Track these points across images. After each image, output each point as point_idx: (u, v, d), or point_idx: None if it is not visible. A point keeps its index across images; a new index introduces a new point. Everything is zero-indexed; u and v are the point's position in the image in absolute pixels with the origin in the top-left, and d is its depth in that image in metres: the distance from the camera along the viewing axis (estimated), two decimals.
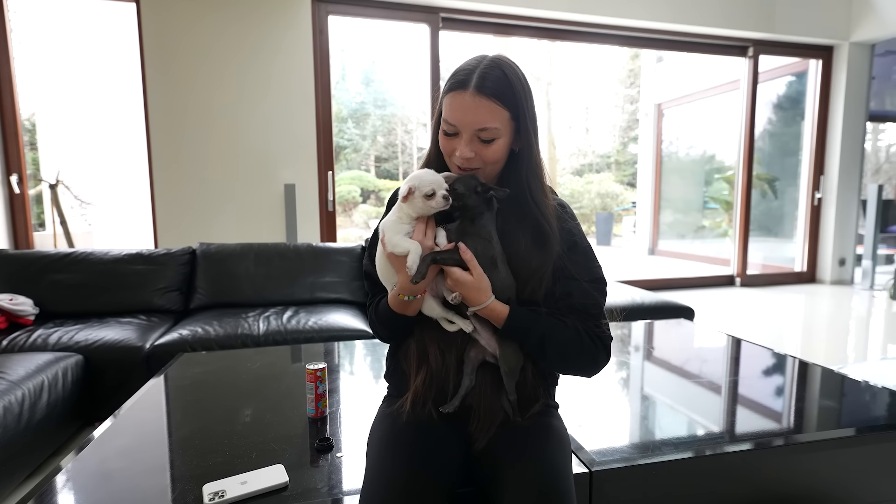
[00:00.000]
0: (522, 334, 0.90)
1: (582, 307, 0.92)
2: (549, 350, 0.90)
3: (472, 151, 0.88)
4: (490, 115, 0.86)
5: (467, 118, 0.86)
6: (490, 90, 0.85)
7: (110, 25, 5.86)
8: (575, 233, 0.96)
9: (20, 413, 1.61)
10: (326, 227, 3.84)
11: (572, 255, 0.94)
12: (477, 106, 0.85)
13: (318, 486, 0.95)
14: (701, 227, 8.41)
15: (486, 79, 0.86)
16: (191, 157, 3.46)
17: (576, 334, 0.91)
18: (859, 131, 5.15)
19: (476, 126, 0.86)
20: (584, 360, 0.93)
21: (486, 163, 0.90)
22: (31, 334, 2.13)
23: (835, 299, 4.75)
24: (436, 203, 0.85)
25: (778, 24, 4.74)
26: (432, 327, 0.94)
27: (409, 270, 0.85)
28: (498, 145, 0.89)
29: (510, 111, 0.87)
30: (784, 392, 1.54)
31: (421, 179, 0.85)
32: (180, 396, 1.47)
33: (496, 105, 0.86)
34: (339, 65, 10.59)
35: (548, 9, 4.12)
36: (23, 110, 6.43)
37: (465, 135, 0.88)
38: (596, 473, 1.01)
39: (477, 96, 0.85)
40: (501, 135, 0.88)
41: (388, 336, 1.01)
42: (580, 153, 14.51)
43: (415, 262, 0.84)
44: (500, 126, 0.87)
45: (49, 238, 4.38)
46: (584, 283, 0.93)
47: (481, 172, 0.91)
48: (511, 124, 0.89)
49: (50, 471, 1.03)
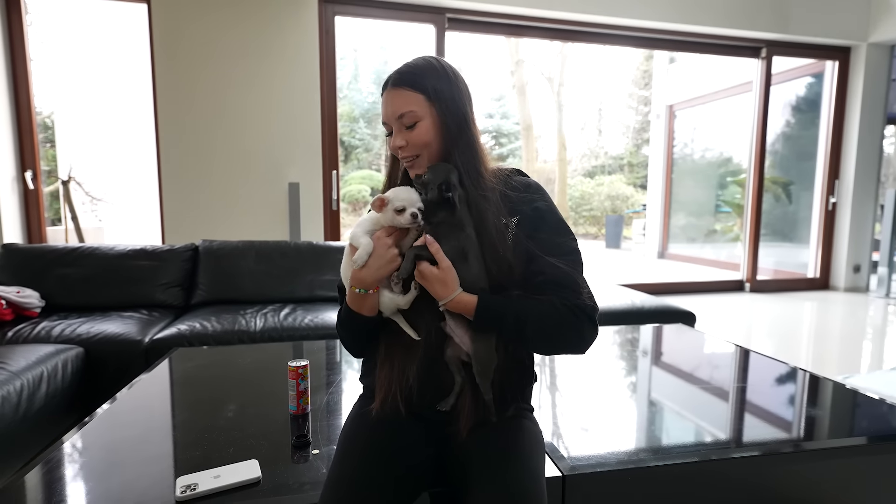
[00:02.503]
0: (496, 320, 0.88)
1: (555, 281, 0.90)
2: (527, 330, 0.89)
3: (402, 140, 0.93)
4: (404, 101, 0.92)
5: (389, 110, 0.93)
6: (401, 81, 0.92)
7: (123, 26, 5.97)
8: (543, 209, 0.95)
9: (18, 403, 1.65)
10: (330, 226, 3.86)
11: (540, 232, 0.93)
12: (394, 97, 0.93)
13: (290, 483, 0.96)
14: (712, 231, 8.30)
15: (400, 73, 0.93)
16: (198, 155, 3.51)
17: (551, 308, 0.88)
18: (877, 135, 5.03)
19: (396, 115, 0.92)
20: (567, 333, 0.90)
21: (418, 146, 0.93)
22: (35, 326, 2.18)
23: (848, 307, 4.64)
24: (403, 220, 0.89)
25: (793, 25, 4.65)
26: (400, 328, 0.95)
27: (355, 264, 0.89)
28: (421, 128, 0.92)
29: (423, 94, 0.92)
30: (776, 399, 1.51)
31: (395, 194, 0.90)
32: (169, 390, 1.49)
33: (409, 91, 0.92)
34: (352, 65, 10.66)
35: (557, 9, 4.09)
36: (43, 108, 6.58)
37: (394, 126, 0.93)
38: (569, 477, 1.00)
39: (393, 90, 0.93)
40: (421, 117, 0.92)
41: (351, 341, 1.01)
42: (592, 154, 14.40)
43: (361, 257, 0.88)
44: (416, 109, 0.92)
45: (62, 233, 4.48)
46: (554, 258, 0.91)
47: (422, 159, 0.94)
48: (429, 106, 0.92)
49: (30, 463, 1.05)
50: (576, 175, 13.49)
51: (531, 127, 12.13)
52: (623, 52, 14.20)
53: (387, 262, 0.88)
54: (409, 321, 0.94)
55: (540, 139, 13.28)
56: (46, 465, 1.03)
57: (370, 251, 0.88)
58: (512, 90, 12.71)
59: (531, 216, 0.94)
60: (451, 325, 0.92)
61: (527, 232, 0.93)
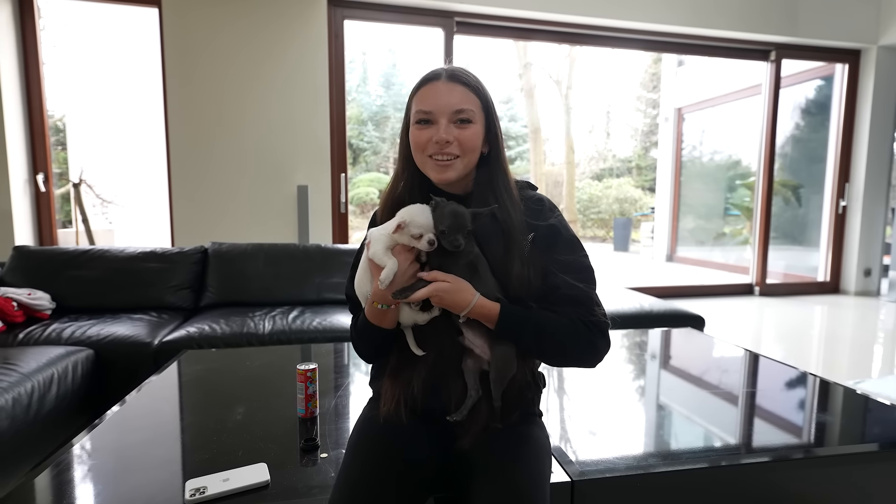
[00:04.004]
0: (517, 330, 0.88)
1: (570, 297, 0.91)
2: (546, 343, 0.89)
3: (451, 135, 0.89)
4: (464, 98, 0.90)
5: (442, 101, 0.89)
6: (461, 79, 0.90)
7: (135, 29, 6.05)
8: (558, 226, 0.95)
9: (29, 404, 1.67)
10: (339, 228, 3.88)
11: (555, 249, 0.93)
12: (451, 90, 0.89)
13: (298, 486, 0.96)
14: (721, 234, 8.24)
15: (456, 71, 0.91)
16: (207, 158, 3.54)
17: (570, 323, 0.89)
18: (888, 138, 4.98)
19: (453, 107, 0.89)
20: (582, 348, 0.91)
21: (465, 148, 0.90)
22: (46, 328, 2.20)
23: (859, 311, 4.58)
24: (421, 245, 0.86)
25: (802, 28, 4.61)
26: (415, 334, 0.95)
27: (381, 284, 0.86)
28: (474, 130, 0.90)
29: (480, 99, 0.91)
30: (787, 405, 1.49)
31: (412, 219, 0.85)
32: (179, 393, 1.50)
33: (467, 90, 0.90)
34: (361, 68, 10.71)
35: (565, 13, 4.09)
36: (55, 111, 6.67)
37: (442, 119, 0.89)
38: (577, 483, 0.99)
39: (450, 83, 0.90)
40: (477, 120, 0.90)
41: (368, 352, 1.00)
42: (600, 157, 14.35)
43: (388, 276, 0.85)
44: (475, 110, 0.90)
45: (72, 236, 4.53)
46: (569, 276, 0.92)
47: (458, 163, 0.91)
48: (482, 114, 0.91)
49: (41, 465, 1.06)
50: (584, 178, 13.45)
51: (539, 130, 12.11)
52: (631, 55, 14.16)
53: (409, 277, 0.88)
54: (424, 335, 0.94)
55: (548, 142, 13.26)
56: (56, 468, 1.04)
57: (395, 270, 0.86)
58: (520, 93, 12.70)
59: (546, 233, 0.94)
60: (470, 337, 0.92)
61: (542, 248, 0.93)
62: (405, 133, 0.96)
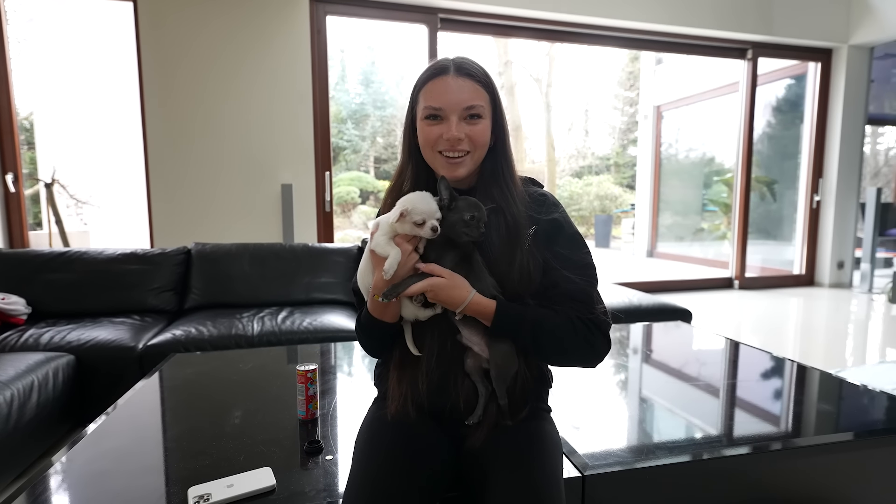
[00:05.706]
0: (514, 327, 0.87)
1: (570, 295, 0.90)
2: (543, 341, 0.88)
3: (462, 132, 0.88)
4: (475, 93, 0.89)
5: (453, 98, 0.88)
6: (469, 73, 0.89)
7: (108, 24, 5.86)
8: (560, 221, 0.94)
9: (8, 414, 1.59)
10: (323, 227, 3.82)
11: (557, 244, 0.92)
12: (462, 85, 0.88)
13: (305, 490, 0.94)
14: (700, 230, 8.41)
15: (464, 64, 0.90)
16: (187, 157, 3.44)
17: (568, 321, 0.88)
18: (858, 134, 5.15)
19: (464, 104, 0.88)
20: (581, 347, 0.89)
21: (477, 144, 0.90)
22: (22, 334, 2.11)
23: (833, 302, 4.73)
24: (424, 232, 0.85)
25: (776, 27, 4.73)
26: (416, 331, 0.93)
27: (385, 274, 0.84)
28: (484, 126, 0.90)
29: (489, 94, 0.90)
30: (782, 395, 1.52)
31: (414, 206, 0.84)
32: (170, 397, 1.45)
33: (477, 85, 0.89)
34: (339, 65, 10.58)
35: (547, 10, 4.11)
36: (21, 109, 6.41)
37: (453, 116, 0.88)
38: (588, 478, 0.99)
39: (459, 77, 0.88)
40: (486, 115, 0.90)
41: (372, 346, 1.00)
42: (579, 155, 14.49)
43: (392, 266, 0.84)
44: (484, 104, 0.89)
45: (45, 237, 4.36)
46: (570, 272, 0.91)
47: (467, 159, 0.90)
48: (491, 109, 0.91)
49: (36, 471, 1.01)
50: (564, 175, 13.56)
51: (520, 127, 12.18)
52: (609, 53, 14.33)
53: (411, 268, 0.86)
54: (424, 333, 0.93)
55: (528, 140, 13.33)
56: (43, 479, 0.98)
57: (399, 260, 0.84)
58: (501, 91, 12.75)
59: (548, 228, 0.93)
60: (466, 335, 0.91)
61: (543, 243, 0.92)
62: (410, 126, 0.94)
